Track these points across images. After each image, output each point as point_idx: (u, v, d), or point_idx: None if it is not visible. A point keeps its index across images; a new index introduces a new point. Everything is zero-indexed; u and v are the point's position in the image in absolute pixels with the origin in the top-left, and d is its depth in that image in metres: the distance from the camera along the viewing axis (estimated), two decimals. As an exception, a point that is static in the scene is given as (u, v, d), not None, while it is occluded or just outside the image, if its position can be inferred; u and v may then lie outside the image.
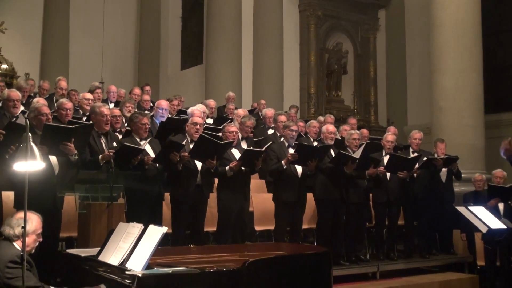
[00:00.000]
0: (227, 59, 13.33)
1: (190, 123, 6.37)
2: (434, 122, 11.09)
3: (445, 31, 10.98)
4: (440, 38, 11.06)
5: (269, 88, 13.82)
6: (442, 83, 10.94)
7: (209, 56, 13.89)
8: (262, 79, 13.98)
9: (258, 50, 14.17)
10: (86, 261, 3.99)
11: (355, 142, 7.30)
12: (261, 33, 14.17)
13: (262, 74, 14.01)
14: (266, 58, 13.99)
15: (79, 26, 16.25)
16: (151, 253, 3.59)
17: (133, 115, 6.09)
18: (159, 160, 5.88)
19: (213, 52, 13.61)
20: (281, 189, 6.78)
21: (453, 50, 10.84)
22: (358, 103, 16.35)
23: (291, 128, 6.93)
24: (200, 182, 6.22)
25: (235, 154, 6.61)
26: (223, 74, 13.25)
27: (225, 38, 13.43)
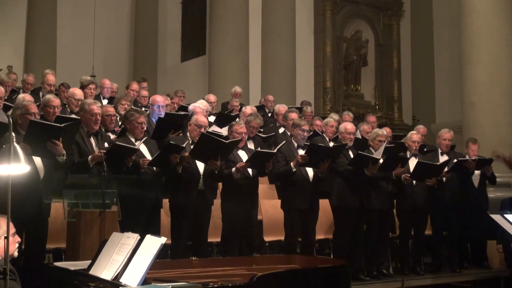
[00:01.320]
0: (232, 50, 13.34)
1: (193, 123, 6.37)
2: (465, 119, 11.05)
3: (478, 17, 10.94)
4: (472, 25, 11.02)
5: (280, 82, 13.81)
6: (475, 76, 10.89)
7: (212, 46, 13.91)
8: (272, 71, 13.97)
9: (267, 39, 14.17)
10: (75, 275, 4.00)
11: (381, 144, 7.25)
12: (271, 20, 14.16)
13: (272, 66, 14.01)
14: (276, 48, 13.98)
15: (68, 13, 16.32)
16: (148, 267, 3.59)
17: (129, 113, 6.10)
18: (156, 163, 5.89)
19: (217, 42, 13.62)
20: (291, 195, 6.79)
21: (487, 39, 10.79)
22: (379, 98, 16.32)
23: (302, 128, 6.93)
24: (202, 187, 6.23)
25: (242, 156, 6.62)
26: (228, 66, 13.26)
27: (230, 26, 13.44)
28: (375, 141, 7.31)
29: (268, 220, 7.49)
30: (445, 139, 8.07)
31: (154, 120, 7.38)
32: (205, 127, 6.48)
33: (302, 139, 6.94)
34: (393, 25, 16.66)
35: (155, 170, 5.99)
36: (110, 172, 5.25)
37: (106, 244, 4.03)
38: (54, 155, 5.09)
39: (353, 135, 7.30)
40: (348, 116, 9.87)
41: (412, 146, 7.69)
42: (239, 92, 11.38)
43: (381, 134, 7.37)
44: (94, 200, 5.06)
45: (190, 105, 8.02)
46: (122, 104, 7.77)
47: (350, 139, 7.20)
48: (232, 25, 13.47)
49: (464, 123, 10.99)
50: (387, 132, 8.73)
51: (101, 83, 9.65)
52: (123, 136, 6.05)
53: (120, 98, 8.01)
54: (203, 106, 7.99)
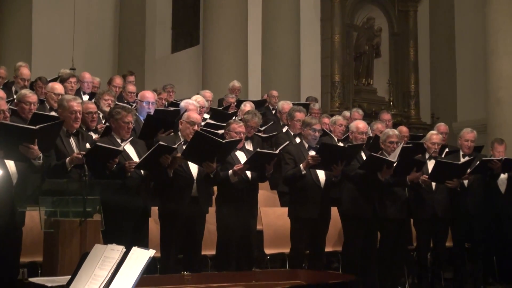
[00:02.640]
0: (229, 39, 13.34)
1: (185, 121, 6.36)
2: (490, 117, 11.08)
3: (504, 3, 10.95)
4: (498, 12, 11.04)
5: (282, 76, 13.83)
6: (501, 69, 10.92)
7: (207, 35, 13.91)
8: (274, 64, 14.00)
9: (268, 27, 14.18)
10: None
11: (392, 146, 7.24)
12: (272, 6, 14.18)
13: (274, 58, 14.03)
14: (279, 37, 14.00)
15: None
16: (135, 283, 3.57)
17: (115, 110, 6.09)
18: (144, 166, 5.88)
19: (212, 31, 13.63)
20: (299, 202, 6.77)
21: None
22: (394, 94, 16.33)
23: (313, 127, 6.92)
24: (196, 193, 6.22)
25: (240, 157, 6.62)
26: (225, 58, 13.26)
27: (227, 13, 13.44)
28: (386, 143, 7.29)
29: (269, 230, 7.47)
30: (467, 140, 8.06)
31: (142, 118, 7.36)
32: (199, 125, 6.47)
33: (313, 139, 6.92)
34: (409, 12, 16.67)
35: (142, 174, 5.99)
36: (92, 176, 5.23)
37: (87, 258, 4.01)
38: (29, 158, 5.07)
39: (366, 135, 7.28)
40: (357, 114, 9.88)
41: (431, 148, 7.68)
42: (238, 87, 11.37)
43: (391, 134, 7.35)
44: (74, 208, 5.04)
45: (182, 102, 8.01)
46: (105, 100, 7.76)
47: (363, 140, 7.18)
48: (229, 11, 13.47)
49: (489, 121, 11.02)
50: (404, 131, 8.75)
51: (81, 77, 9.63)
52: (107, 136, 6.04)
53: (102, 93, 8.01)
54: (197, 102, 7.98)
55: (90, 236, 5.04)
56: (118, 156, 5.68)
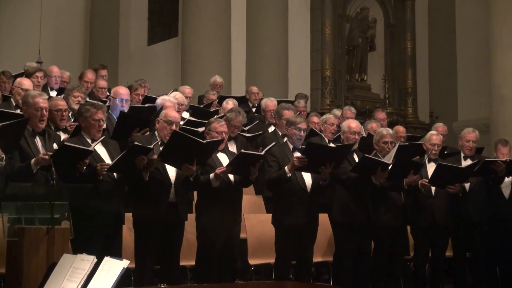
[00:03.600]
0: (211, 31, 13.34)
1: (162, 119, 6.36)
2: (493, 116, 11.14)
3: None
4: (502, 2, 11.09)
5: (269, 71, 13.85)
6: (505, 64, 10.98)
7: (186, 26, 13.90)
8: (260, 58, 14.01)
9: (253, 17, 14.20)
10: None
11: (387, 147, 7.26)
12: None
13: (260, 51, 14.04)
14: (265, 29, 14.01)
15: (9, -15, 16.27)
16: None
17: (83, 107, 6.07)
18: (117, 168, 5.86)
19: (192, 21, 13.62)
20: (284, 208, 6.77)
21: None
22: (390, 91, 16.41)
23: (298, 126, 6.91)
24: (174, 198, 6.21)
25: (222, 159, 6.62)
26: (206, 51, 13.26)
27: (209, 2, 13.47)
28: (380, 143, 7.31)
29: (254, 239, 7.48)
30: (468, 141, 8.09)
31: (115, 116, 7.35)
32: (178, 124, 6.46)
33: (298, 140, 6.92)
34: (406, 2, 16.76)
35: (116, 177, 5.97)
36: (60, 179, 5.22)
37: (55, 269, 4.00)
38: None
39: (358, 136, 7.30)
40: (350, 112, 9.91)
41: (431, 149, 7.70)
42: (219, 83, 11.37)
43: (385, 134, 7.37)
44: (41, 214, 5.03)
45: (158, 98, 7.99)
46: (75, 97, 7.72)
47: (355, 140, 7.21)
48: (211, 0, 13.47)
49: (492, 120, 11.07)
50: (400, 131, 8.78)
51: (49, 71, 9.58)
52: (77, 136, 6.01)
53: (72, 89, 7.95)
54: (174, 99, 7.96)
55: (58, 245, 5.03)
56: (89, 157, 5.66)
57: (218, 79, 11.40)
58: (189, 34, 13.66)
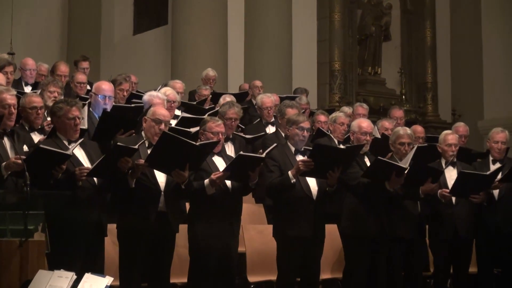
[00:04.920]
0: (205, 18, 13.36)
1: (150, 118, 6.35)
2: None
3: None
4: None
5: (270, 63, 13.86)
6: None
7: (177, 12, 13.91)
8: (260, 48, 14.02)
9: (253, 3, 14.19)
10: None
11: (404, 148, 7.27)
12: (257, -22, 14.22)
13: (260, 41, 14.05)
14: (266, 16, 14.01)
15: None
16: (88, 317, 3.57)
17: (56, 106, 6.05)
18: (99, 173, 5.86)
19: (183, 7, 13.64)
20: (287, 219, 6.77)
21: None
22: (407, 86, 16.42)
23: (300, 126, 6.90)
24: (164, 207, 6.20)
25: (218, 164, 6.63)
26: (199, 40, 13.28)
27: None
28: (395, 144, 7.32)
29: (253, 252, 7.49)
30: (497, 142, 8.07)
31: (97, 115, 7.34)
32: (168, 123, 6.46)
33: (300, 141, 6.91)
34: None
35: (96, 184, 5.97)
36: (35, 186, 5.21)
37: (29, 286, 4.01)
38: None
39: (370, 137, 7.29)
40: (361, 109, 9.91)
41: (447, 152, 7.70)
42: (212, 77, 11.38)
43: (402, 134, 7.37)
44: (13, 225, 5.02)
45: (145, 95, 7.98)
46: (51, 92, 7.70)
47: (367, 142, 7.20)
48: (204, -17, 13.51)
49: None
50: (418, 132, 8.77)
51: (23, 64, 9.59)
52: (53, 138, 6.01)
53: (47, 83, 7.93)
54: (164, 95, 7.95)
55: (33, 260, 5.01)
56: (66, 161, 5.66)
57: (210, 72, 11.40)
58: (180, 21, 13.67)
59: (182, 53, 13.44)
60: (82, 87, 9.05)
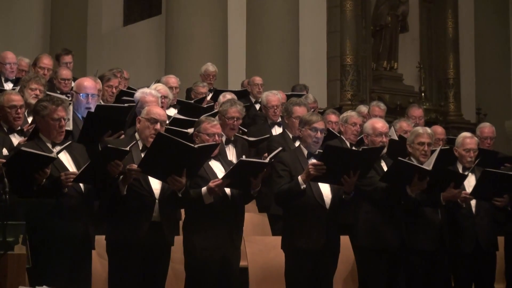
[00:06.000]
0: (202, 7, 13.38)
1: (144, 118, 6.35)
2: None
3: None
4: None
5: (275, 57, 13.86)
6: None
7: (171, 1, 13.96)
8: (263, 41, 14.01)
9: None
10: None
11: (423, 149, 7.26)
12: (260, -38, 14.22)
13: (264, 33, 14.03)
14: (270, 4, 14.00)
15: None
16: None
17: (40, 104, 6.04)
18: (86, 179, 5.86)
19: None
20: (297, 229, 6.76)
21: None
22: (427, 82, 16.41)
23: (314, 126, 6.88)
24: (158, 218, 6.20)
25: (216, 169, 6.63)
26: (196, 32, 13.30)
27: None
28: (414, 144, 7.31)
29: (257, 267, 7.47)
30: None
31: (80, 116, 7.33)
32: (164, 123, 6.46)
33: (314, 143, 6.89)
34: (446, -30, 16.78)
35: (83, 191, 5.96)
36: (15, 193, 5.21)
37: (8, 305, 4.00)
38: None
39: (386, 138, 7.29)
40: (377, 109, 9.90)
41: (465, 157, 7.70)
42: (212, 72, 11.38)
43: (422, 133, 7.35)
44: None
45: (137, 92, 7.99)
46: (32, 90, 7.68)
47: (383, 144, 7.18)
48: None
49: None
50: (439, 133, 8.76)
51: (2, 58, 9.60)
52: (35, 140, 6.00)
53: (29, 79, 7.91)
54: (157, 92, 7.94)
55: (12, 276, 5.01)
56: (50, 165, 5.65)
57: (210, 67, 11.40)
58: (175, 11, 13.69)
59: (177, 45, 13.45)
60: (66, 83, 9.03)
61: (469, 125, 15.61)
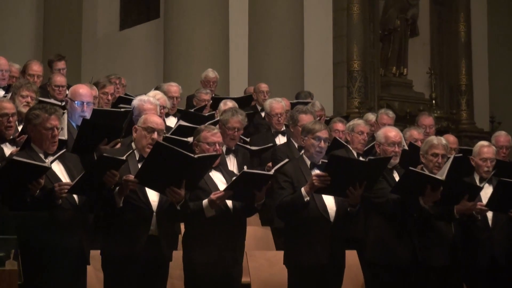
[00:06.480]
0: (202, 10, 13.37)
1: (141, 126, 6.35)
2: None
3: None
4: None
5: (278, 63, 13.86)
6: None
7: (170, 5, 13.96)
8: (267, 45, 14.00)
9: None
10: None
11: (437, 160, 7.24)
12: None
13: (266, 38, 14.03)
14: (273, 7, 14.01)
15: None
16: None
17: (32, 112, 6.04)
18: (81, 190, 5.85)
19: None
20: (300, 244, 6.76)
21: None
22: (438, 89, 16.40)
23: (317, 135, 6.89)
24: (155, 231, 6.20)
25: (217, 180, 6.63)
26: (196, 36, 13.29)
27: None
28: (427, 155, 7.30)
29: (259, 283, 7.50)
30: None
31: (74, 124, 7.33)
32: (162, 132, 6.45)
33: (317, 153, 6.89)
34: (458, -29, 16.80)
35: (77, 203, 5.95)
36: (6, 206, 5.20)
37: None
38: None
39: (399, 147, 7.28)
40: (386, 117, 9.89)
41: (482, 167, 7.67)
42: (212, 79, 11.38)
43: (436, 144, 7.33)
44: (-20, 252, 5.03)
45: (134, 99, 7.98)
46: (23, 97, 7.69)
47: (395, 154, 7.18)
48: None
49: None
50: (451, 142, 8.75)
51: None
52: (26, 150, 5.99)
53: (20, 86, 7.92)
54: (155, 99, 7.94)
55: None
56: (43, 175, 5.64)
57: (210, 73, 11.40)
58: (174, 14, 13.70)
59: (176, 51, 13.46)
60: (61, 91, 9.02)
61: (482, 134, 15.60)
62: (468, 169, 7.76)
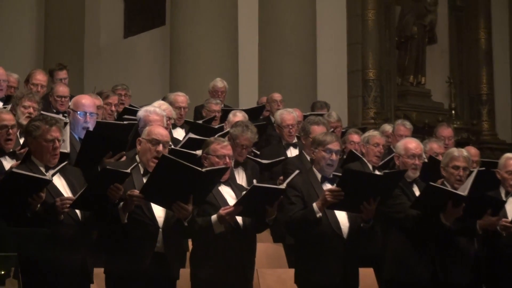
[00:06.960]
0: (211, 16, 13.40)
1: (145, 139, 6.35)
2: None
3: None
4: None
5: (290, 72, 13.86)
6: None
7: (177, 11, 13.98)
8: (277, 54, 14.02)
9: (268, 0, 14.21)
10: None
11: (458, 173, 7.23)
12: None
13: (277, 46, 14.04)
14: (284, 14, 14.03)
15: None
16: None
17: (32, 124, 6.05)
18: (84, 205, 5.86)
19: (184, 4, 13.68)
20: (311, 262, 6.76)
21: None
22: (457, 98, 16.37)
23: (328, 147, 6.89)
24: (162, 248, 6.20)
25: (227, 195, 6.64)
26: (204, 44, 13.30)
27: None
28: (448, 168, 7.29)
29: (271, 303, 7.48)
30: None
31: (77, 137, 7.35)
32: (167, 145, 6.46)
33: (328, 166, 6.89)
34: (478, -23, 16.80)
35: (80, 219, 5.96)
36: (5, 222, 5.21)
37: None
38: None
39: (420, 160, 7.25)
40: (403, 128, 9.87)
41: (508, 180, 7.66)
42: (221, 88, 11.39)
43: (457, 156, 7.32)
44: (-22, 270, 5.03)
45: (140, 110, 8.00)
46: (25, 107, 7.71)
47: (415, 167, 7.17)
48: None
49: None
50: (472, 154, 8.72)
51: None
52: (27, 163, 6.00)
53: (21, 96, 7.94)
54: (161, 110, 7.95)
55: (3, 312, 5.03)
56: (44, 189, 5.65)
57: (219, 83, 11.41)
58: (181, 21, 13.73)
59: (183, 59, 13.47)
60: (63, 101, 9.03)
61: (504, 146, 15.57)
62: (492, 183, 7.74)
